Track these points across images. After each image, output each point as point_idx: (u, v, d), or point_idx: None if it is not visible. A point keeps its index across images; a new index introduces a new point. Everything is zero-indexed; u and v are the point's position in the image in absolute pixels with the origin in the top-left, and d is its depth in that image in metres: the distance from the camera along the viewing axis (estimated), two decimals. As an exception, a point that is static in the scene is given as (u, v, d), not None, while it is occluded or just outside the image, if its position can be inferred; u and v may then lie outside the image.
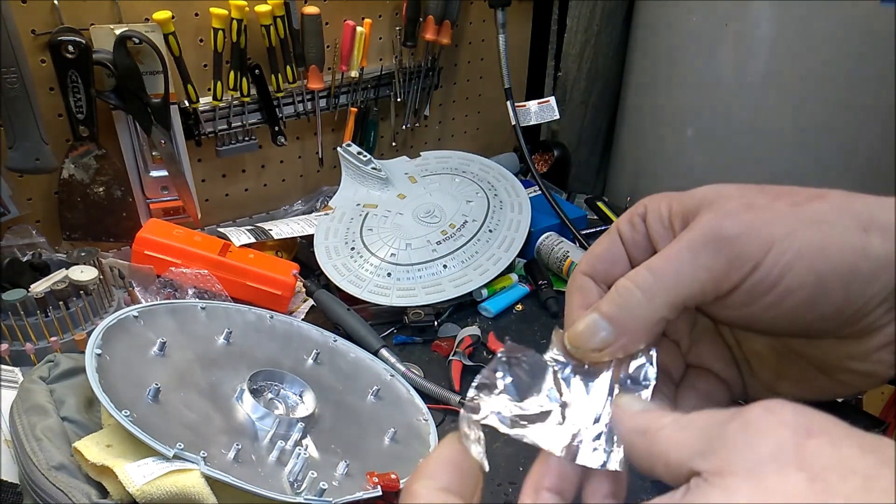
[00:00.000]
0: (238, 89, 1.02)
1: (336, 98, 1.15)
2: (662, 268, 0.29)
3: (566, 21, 1.42)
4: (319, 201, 1.18)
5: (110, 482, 0.56)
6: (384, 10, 1.17)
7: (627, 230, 0.33)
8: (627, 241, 0.33)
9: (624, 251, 0.33)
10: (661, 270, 0.29)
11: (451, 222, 1.05)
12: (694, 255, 0.28)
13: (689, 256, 0.29)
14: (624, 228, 0.33)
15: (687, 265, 0.29)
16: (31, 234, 0.90)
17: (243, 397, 0.67)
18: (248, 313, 0.83)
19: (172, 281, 0.87)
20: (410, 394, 0.82)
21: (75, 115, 0.89)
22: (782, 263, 0.27)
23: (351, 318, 0.89)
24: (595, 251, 0.34)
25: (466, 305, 1.00)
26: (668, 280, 0.29)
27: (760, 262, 0.28)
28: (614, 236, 0.33)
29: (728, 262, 0.28)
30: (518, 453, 0.76)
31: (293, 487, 0.60)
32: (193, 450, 0.57)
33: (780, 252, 0.27)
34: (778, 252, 0.27)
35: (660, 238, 0.32)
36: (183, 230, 0.93)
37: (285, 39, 1.03)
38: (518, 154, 1.32)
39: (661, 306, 0.29)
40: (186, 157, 1.02)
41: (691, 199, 0.31)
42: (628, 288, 0.29)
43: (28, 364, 0.75)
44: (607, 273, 0.33)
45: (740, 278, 0.28)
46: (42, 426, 0.60)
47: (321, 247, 1.03)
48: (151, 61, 0.92)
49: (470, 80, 1.36)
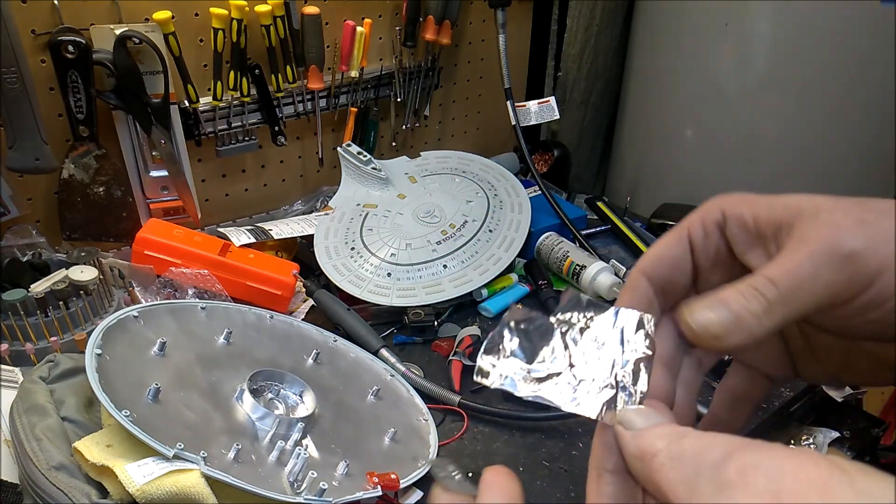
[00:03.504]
0: (238, 89, 1.02)
1: (336, 98, 1.15)
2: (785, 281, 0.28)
3: (566, 21, 1.42)
4: (319, 201, 1.18)
5: (110, 482, 0.56)
6: (384, 10, 1.17)
7: (700, 237, 0.32)
8: (698, 248, 0.32)
9: (690, 258, 0.32)
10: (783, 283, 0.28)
11: (451, 222, 1.05)
12: (816, 270, 0.28)
13: (811, 272, 0.28)
14: (696, 234, 0.32)
15: (808, 281, 0.28)
16: (31, 234, 0.90)
17: (243, 397, 0.67)
18: (248, 313, 0.83)
19: (172, 281, 0.87)
20: (410, 394, 0.82)
21: (75, 115, 0.89)
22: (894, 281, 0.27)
23: (351, 318, 0.89)
24: (659, 252, 0.32)
25: (466, 305, 1.00)
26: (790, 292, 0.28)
27: (875, 280, 0.28)
28: (684, 240, 0.32)
29: (849, 279, 0.28)
30: (518, 453, 0.76)
31: (293, 487, 0.60)
32: (193, 450, 0.57)
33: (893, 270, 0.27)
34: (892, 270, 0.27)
35: (746, 247, 0.31)
36: (183, 230, 0.93)
37: (285, 39, 1.03)
38: (518, 154, 1.32)
39: (778, 318, 0.28)
40: (186, 157, 1.02)
41: (784, 209, 0.30)
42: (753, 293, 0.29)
43: (28, 364, 0.75)
44: (666, 279, 0.32)
45: (855, 294, 0.28)
46: (42, 426, 0.60)
47: (321, 247, 1.03)
48: (151, 61, 0.92)
49: (470, 80, 1.36)
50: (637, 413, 0.28)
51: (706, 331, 0.29)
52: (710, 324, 0.29)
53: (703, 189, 1.23)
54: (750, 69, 1.15)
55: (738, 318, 0.28)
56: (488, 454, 0.76)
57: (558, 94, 1.48)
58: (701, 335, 0.29)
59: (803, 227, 0.29)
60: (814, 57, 1.09)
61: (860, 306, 0.28)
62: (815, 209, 0.29)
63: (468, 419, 0.80)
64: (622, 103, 1.46)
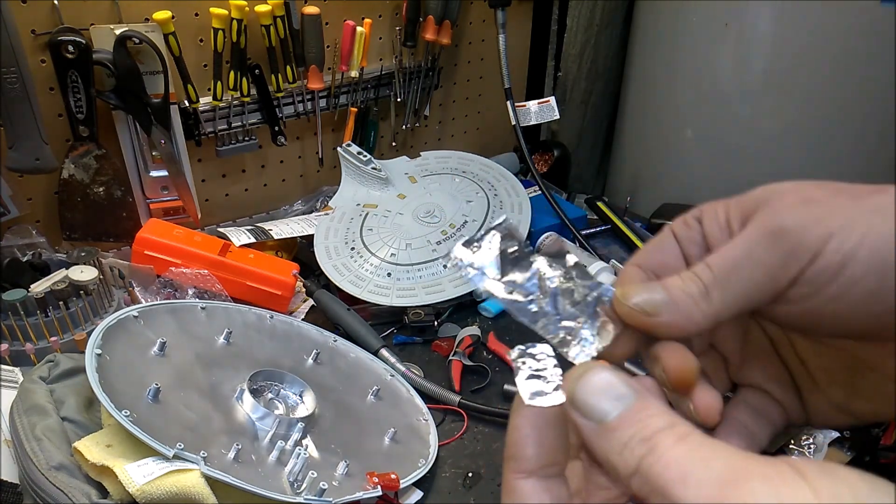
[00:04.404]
0: (238, 89, 1.02)
1: (336, 98, 1.15)
2: (719, 264, 0.28)
3: (566, 21, 1.42)
4: (319, 201, 1.18)
5: (110, 482, 0.56)
6: (384, 10, 1.17)
7: (682, 229, 0.32)
8: (682, 238, 0.32)
9: (678, 248, 0.32)
10: (717, 266, 0.28)
11: (451, 222, 1.05)
12: (749, 251, 0.28)
13: (744, 253, 0.28)
14: (678, 228, 0.32)
15: (742, 259, 0.28)
16: (31, 234, 0.90)
17: (243, 397, 0.67)
18: (248, 313, 0.83)
19: (172, 281, 0.87)
20: (410, 394, 0.82)
21: (75, 115, 0.89)
22: (843, 251, 0.26)
23: (351, 318, 0.89)
24: (647, 246, 0.33)
25: (466, 305, 1.00)
26: (725, 274, 0.28)
27: (820, 252, 0.27)
28: (667, 234, 0.33)
29: (785, 255, 0.27)
30: (518, 453, 0.76)
31: (293, 487, 0.60)
32: (193, 450, 0.57)
33: (840, 241, 0.26)
34: (838, 241, 0.27)
35: (716, 240, 0.31)
36: (183, 230, 0.93)
37: (285, 39, 1.03)
38: (518, 154, 1.32)
39: (717, 300, 0.28)
40: (186, 157, 1.02)
41: (748, 201, 0.30)
42: (690, 275, 0.29)
43: (28, 364, 0.75)
44: (660, 264, 0.32)
45: (798, 270, 0.27)
46: (42, 426, 0.60)
47: (321, 247, 1.03)
48: (151, 61, 0.92)
49: (470, 80, 1.36)
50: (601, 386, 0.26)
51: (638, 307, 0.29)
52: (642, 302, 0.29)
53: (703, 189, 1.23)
54: (750, 69, 1.15)
55: (674, 301, 0.28)
56: (488, 454, 0.76)
57: (558, 94, 1.48)
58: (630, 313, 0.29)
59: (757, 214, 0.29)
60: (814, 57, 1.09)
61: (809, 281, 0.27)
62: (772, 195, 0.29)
63: (468, 419, 0.80)
64: (622, 103, 1.46)
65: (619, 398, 0.24)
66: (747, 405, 0.33)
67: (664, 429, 0.23)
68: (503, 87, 1.18)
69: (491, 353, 0.91)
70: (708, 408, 0.29)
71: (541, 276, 0.31)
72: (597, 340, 0.30)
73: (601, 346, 0.29)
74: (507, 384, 0.84)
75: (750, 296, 0.28)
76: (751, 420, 0.33)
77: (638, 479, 0.22)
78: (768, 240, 0.28)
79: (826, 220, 0.27)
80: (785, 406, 0.34)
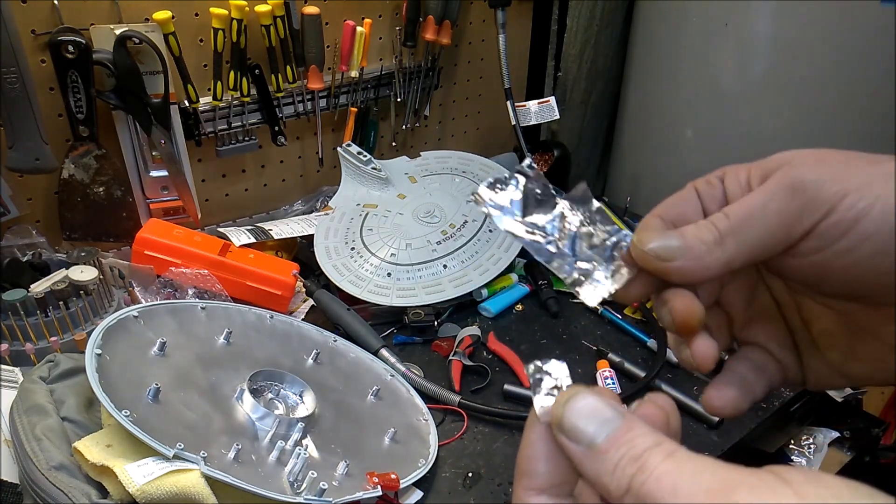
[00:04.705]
0: (238, 89, 1.02)
1: (336, 98, 1.15)
2: (736, 211, 0.30)
3: (566, 21, 1.42)
4: (319, 201, 1.18)
5: (110, 482, 0.56)
6: (384, 10, 1.17)
7: (704, 186, 0.33)
8: (704, 195, 0.33)
9: (699, 203, 0.33)
10: (734, 213, 0.30)
11: (451, 222, 1.05)
12: (767, 200, 0.29)
13: (761, 202, 0.29)
14: (701, 185, 0.34)
15: (759, 210, 0.29)
16: (31, 234, 0.90)
17: (243, 397, 0.67)
18: (248, 313, 0.83)
19: (172, 281, 0.87)
20: (410, 394, 0.82)
21: (75, 115, 0.89)
22: (858, 208, 0.28)
23: (351, 318, 0.89)
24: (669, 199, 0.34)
25: (466, 305, 1.00)
26: (740, 221, 0.29)
27: (835, 206, 0.28)
28: (689, 189, 0.34)
29: (801, 206, 0.29)
30: (518, 453, 0.76)
31: (293, 487, 0.60)
32: (193, 450, 0.57)
33: (855, 198, 0.28)
34: (854, 198, 0.28)
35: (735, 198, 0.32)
36: (183, 230, 0.93)
37: (285, 39, 1.03)
38: (518, 154, 1.32)
39: (730, 246, 0.29)
40: (186, 157, 1.02)
41: (769, 162, 0.31)
42: (706, 223, 0.30)
43: (28, 364, 0.75)
44: (679, 215, 0.33)
45: (813, 222, 0.29)
46: (42, 426, 0.60)
47: (321, 247, 1.03)
48: (151, 61, 0.92)
49: (470, 80, 1.36)
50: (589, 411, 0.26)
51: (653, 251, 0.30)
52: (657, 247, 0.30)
53: (703, 189, 1.23)
54: (750, 69, 1.15)
55: (688, 247, 0.29)
56: (488, 454, 0.76)
57: (558, 94, 1.48)
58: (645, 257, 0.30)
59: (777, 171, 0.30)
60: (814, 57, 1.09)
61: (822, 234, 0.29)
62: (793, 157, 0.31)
63: (468, 419, 0.80)
64: (622, 103, 1.46)
65: (606, 422, 0.25)
66: (748, 360, 0.35)
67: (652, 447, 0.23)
68: (503, 87, 1.18)
69: (491, 353, 0.91)
70: (704, 354, 0.31)
71: (562, 217, 0.32)
72: (610, 282, 0.31)
73: (614, 287, 0.31)
74: (507, 384, 0.84)
75: (764, 244, 0.30)
76: (749, 373, 0.35)
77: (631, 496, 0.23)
78: (786, 192, 0.29)
79: (842, 178, 0.29)
80: (784, 365, 0.35)
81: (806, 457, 0.79)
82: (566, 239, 0.32)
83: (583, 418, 0.25)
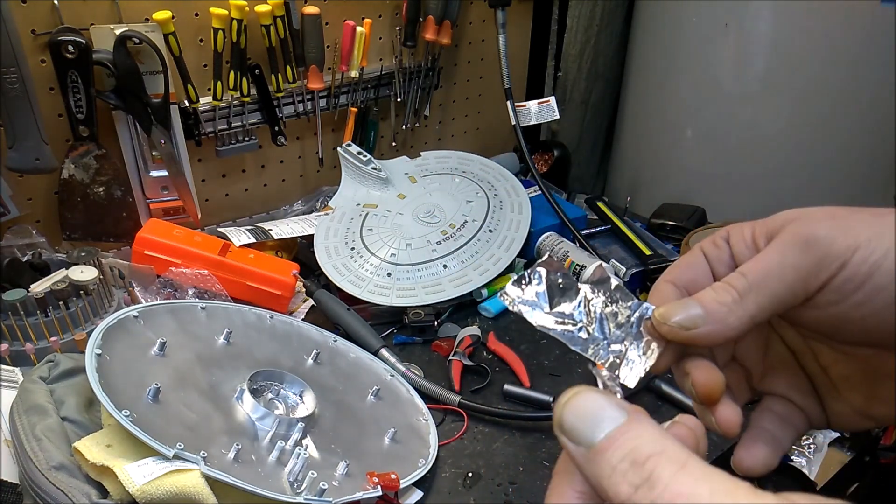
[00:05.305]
0: (238, 89, 1.02)
1: (336, 98, 1.15)
2: (753, 269, 0.31)
3: (566, 21, 1.42)
4: (319, 201, 1.18)
5: (110, 482, 0.56)
6: (384, 10, 1.17)
7: (711, 249, 0.34)
8: (711, 257, 0.34)
9: (707, 266, 0.34)
10: (751, 271, 0.31)
11: (451, 222, 1.05)
12: (782, 256, 0.30)
13: (778, 259, 0.30)
14: (707, 247, 0.35)
15: (776, 265, 0.30)
16: (31, 234, 0.90)
17: (243, 397, 0.67)
18: (248, 313, 0.83)
19: (172, 281, 0.87)
20: (410, 394, 0.82)
21: (75, 115, 0.89)
22: (870, 261, 0.29)
23: (351, 318, 0.89)
24: (678, 264, 0.35)
25: (466, 305, 1.00)
26: (758, 279, 0.30)
27: (848, 261, 0.29)
28: (697, 253, 0.35)
29: (816, 261, 0.30)
30: (518, 453, 0.76)
31: (293, 487, 0.60)
32: (193, 450, 0.57)
33: (867, 251, 0.29)
34: (865, 251, 0.29)
35: (743, 258, 0.33)
36: (183, 230, 0.93)
37: (285, 39, 1.03)
38: (518, 154, 1.32)
39: (750, 304, 0.30)
40: (186, 157, 1.02)
41: (774, 221, 0.32)
42: (723, 286, 0.31)
43: (28, 364, 0.75)
44: (690, 281, 0.34)
45: (828, 276, 0.30)
46: (42, 426, 0.60)
47: (321, 247, 1.03)
48: (151, 61, 0.92)
49: (470, 80, 1.36)
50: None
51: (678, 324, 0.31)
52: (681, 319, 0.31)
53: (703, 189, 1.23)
54: (750, 69, 1.15)
55: (710, 311, 0.30)
56: (488, 454, 0.76)
57: (558, 94, 1.48)
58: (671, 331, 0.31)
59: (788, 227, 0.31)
60: (814, 57, 1.09)
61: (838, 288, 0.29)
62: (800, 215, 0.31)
63: (468, 419, 0.80)
64: (622, 103, 1.46)
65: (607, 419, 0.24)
66: (772, 413, 0.36)
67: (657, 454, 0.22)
68: (503, 87, 1.18)
69: (491, 353, 0.91)
70: (728, 421, 0.32)
71: (587, 301, 0.33)
72: (644, 359, 0.32)
73: (648, 364, 0.32)
74: (506, 384, 0.84)
75: (782, 299, 0.30)
76: (776, 427, 0.35)
77: None
78: (800, 247, 0.30)
79: (853, 233, 0.29)
80: (806, 412, 0.36)
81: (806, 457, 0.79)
82: (594, 322, 0.33)
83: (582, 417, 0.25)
